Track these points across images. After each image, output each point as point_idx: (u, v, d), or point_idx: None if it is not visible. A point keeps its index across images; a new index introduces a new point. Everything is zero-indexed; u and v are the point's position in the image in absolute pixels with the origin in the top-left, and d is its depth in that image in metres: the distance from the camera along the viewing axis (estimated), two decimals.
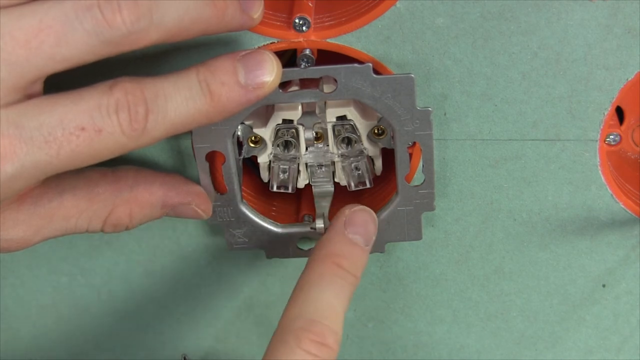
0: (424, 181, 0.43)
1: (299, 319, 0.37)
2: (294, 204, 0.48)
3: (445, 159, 0.44)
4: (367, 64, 0.40)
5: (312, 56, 0.40)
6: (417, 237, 0.45)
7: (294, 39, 0.40)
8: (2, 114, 0.33)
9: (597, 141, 0.43)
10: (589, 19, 0.40)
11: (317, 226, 0.44)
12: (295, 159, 0.44)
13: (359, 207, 0.41)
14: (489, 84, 0.41)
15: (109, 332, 0.52)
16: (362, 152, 0.44)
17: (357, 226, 0.40)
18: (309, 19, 0.40)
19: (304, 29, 0.40)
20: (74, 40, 0.33)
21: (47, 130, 0.33)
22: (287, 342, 0.36)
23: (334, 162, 0.45)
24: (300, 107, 0.43)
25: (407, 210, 0.44)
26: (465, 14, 0.40)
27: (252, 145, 0.44)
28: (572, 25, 0.40)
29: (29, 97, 0.34)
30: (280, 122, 0.43)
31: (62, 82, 0.35)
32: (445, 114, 0.43)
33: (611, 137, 0.44)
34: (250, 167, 0.48)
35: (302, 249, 0.46)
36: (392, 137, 0.42)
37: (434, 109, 0.42)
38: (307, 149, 0.44)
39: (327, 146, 0.44)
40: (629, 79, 0.41)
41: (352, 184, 0.45)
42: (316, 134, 0.44)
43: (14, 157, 0.33)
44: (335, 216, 0.41)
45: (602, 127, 0.43)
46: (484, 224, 0.46)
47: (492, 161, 0.44)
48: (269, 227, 0.45)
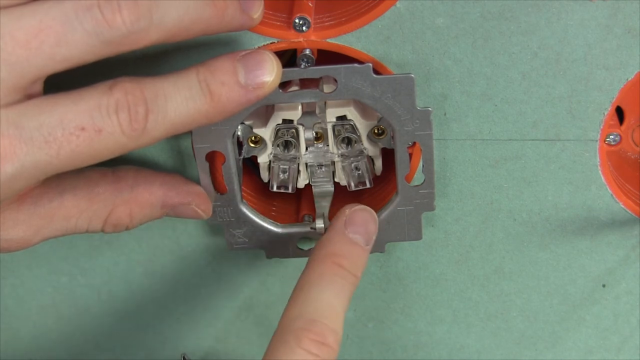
0: (424, 181, 0.43)
1: (299, 319, 0.37)
2: (294, 204, 0.48)
3: (445, 159, 0.44)
4: (367, 64, 0.40)
5: (312, 56, 0.40)
6: (417, 237, 0.45)
7: (294, 39, 0.40)
8: (2, 114, 0.33)
9: (597, 141, 0.43)
10: (589, 19, 0.40)
11: (317, 226, 0.44)
12: (295, 159, 0.44)
13: (359, 207, 0.41)
14: (489, 84, 0.41)
15: (109, 332, 0.52)
16: (362, 152, 0.44)
17: (358, 226, 0.40)
18: (309, 19, 0.40)
19: (304, 29, 0.40)
20: (74, 40, 0.33)
21: (47, 130, 0.33)
22: (287, 341, 0.36)
23: (334, 162, 0.45)
24: (300, 107, 0.43)
25: (407, 210, 0.44)
26: (465, 14, 0.40)
27: (252, 145, 0.44)
28: (572, 25, 0.40)
29: (29, 97, 0.34)
30: (280, 122, 0.43)
31: (62, 82, 0.35)
32: (445, 114, 0.43)
33: (611, 137, 0.44)
34: (250, 167, 0.48)
35: (302, 249, 0.46)
36: (392, 137, 0.42)
37: (434, 109, 0.42)
38: (307, 149, 0.44)
39: (327, 146, 0.44)
40: (629, 79, 0.41)
41: (352, 184, 0.45)
42: (316, 134, 0.44)
43: (14, 157, 0.33)
44: (335, 216, 0.41)
45: (602, 127, 0.43)
46: (484, 224, 0.46)
47: (492, 161, 0.44)
48: (269, 227, 0.45)
